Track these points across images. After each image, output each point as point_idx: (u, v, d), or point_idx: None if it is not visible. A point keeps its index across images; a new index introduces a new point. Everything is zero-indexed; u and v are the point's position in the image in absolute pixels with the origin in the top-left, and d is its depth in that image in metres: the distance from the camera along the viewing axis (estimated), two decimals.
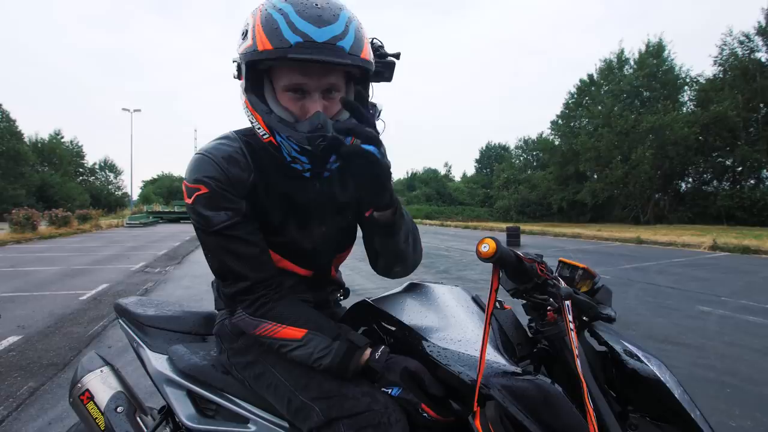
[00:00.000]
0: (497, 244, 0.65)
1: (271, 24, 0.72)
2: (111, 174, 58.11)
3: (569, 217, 32.57)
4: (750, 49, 25.79)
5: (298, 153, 0.79)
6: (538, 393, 0.70)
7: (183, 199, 0.86)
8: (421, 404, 0.75)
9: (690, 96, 29.55)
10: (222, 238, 0.82)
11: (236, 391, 0.96)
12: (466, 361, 0.76)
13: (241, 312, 0.85)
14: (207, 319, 1.18)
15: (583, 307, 0.76)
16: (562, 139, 34.84)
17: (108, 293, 5.75)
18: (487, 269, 3.91)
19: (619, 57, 31.42)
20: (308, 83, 0.77)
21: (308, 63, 0.73)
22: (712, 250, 11.03)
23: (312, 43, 0.71)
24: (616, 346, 0.84)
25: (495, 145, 57.19)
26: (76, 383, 1.01)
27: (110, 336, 3.81)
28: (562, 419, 0.69)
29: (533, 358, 0.88)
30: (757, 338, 3.69)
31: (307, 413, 0.80)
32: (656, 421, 0.81)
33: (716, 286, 6.16)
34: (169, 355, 1.05)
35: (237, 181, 0.83)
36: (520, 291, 0.79)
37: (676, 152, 25.83)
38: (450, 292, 0.96)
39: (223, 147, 0.85)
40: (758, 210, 23.02)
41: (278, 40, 0.71)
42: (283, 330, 0.82)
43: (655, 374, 0.77)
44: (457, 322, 0.86)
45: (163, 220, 34.30)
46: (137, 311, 1.17)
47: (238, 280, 0.84)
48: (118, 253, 10.93)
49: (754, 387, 2.69)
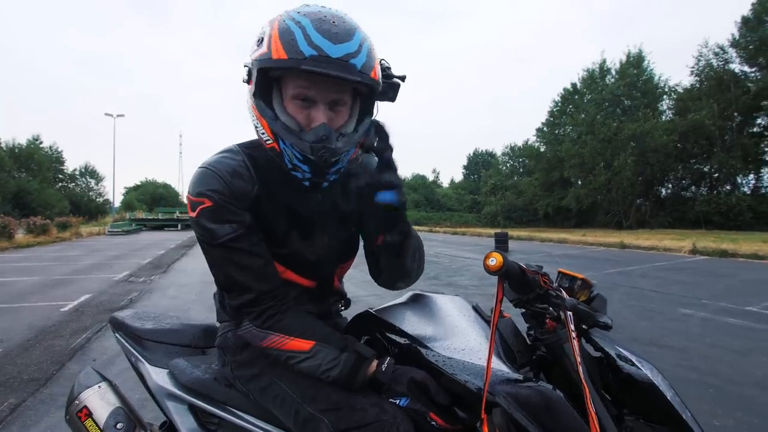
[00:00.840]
0: (504, 258, 0.68)
1: (288, 35, 0.74)
2: (92, 180, 56.85)
3: (555, 222, 33.10)
4: (725, 60, 26.86)
5: (300, 161, 0.81)
6: (541, 399, 0.73)
7: (167, 206, 0.87)
8: (430, 413, 0.76)
9: (669, 105, 30.56)
10: (227, 250, 0.83)
11: (240, 404, 0.95)
12: (471, 369, 0.78)
13: (248, 324, 0.86)
14: (206, 332, 1.18)
15: (582, 316, 0.79)
16: (547, 146, 35.53)
17: (91, 304, 5.61)
18: (477, 276, 4.01)
19: (601, 67, 32.28)
20: (316, 94, 0.79)
21: (320, 76, 0.75)
22: (692, 254, 11.34)
23: (326, 58, 0.73)
24: (611, 351, 0.87)
25: (482, 151, 58.00)
26: (73, 400, 1.00)
27: (95, 349, 3.72)
28: (564, 424, 0.71)
29: (532, 365, 0.90)
30: (737, 340, 3.81)
31: (316, 425, 0.80)
32: (650, 422, 0.84)
33: (697, 289, 6.34)
34: (169, 369, 1.04)
35: (240, 194, 0.84)
36: (522, 301, 0.82)
37: (656, 159, 26.57)
38: (452, 302, 0.98)
39: (226, 160, 0.86)
40: (734, 215, 23.76)
41: (293, 51, 0.73)
42: (291, 342, 0.82)
43: (648, 378, 0.80)
44: (460, 332, 0.89)
45: (147, 227, 33.69)
46: (135, 325, 1.15)
47: (243, 292, 0.85)
48: (100, 262, 10.67)
49: (736, 387, 2.78)
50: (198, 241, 0.87)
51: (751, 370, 3.08)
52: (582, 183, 30.50)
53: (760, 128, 26.60)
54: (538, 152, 36.89)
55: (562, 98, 35.61)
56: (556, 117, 35.93)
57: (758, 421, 2.32)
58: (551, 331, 0.84)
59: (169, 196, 64.73)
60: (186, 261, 11.00)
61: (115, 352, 3.57)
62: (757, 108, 25.34)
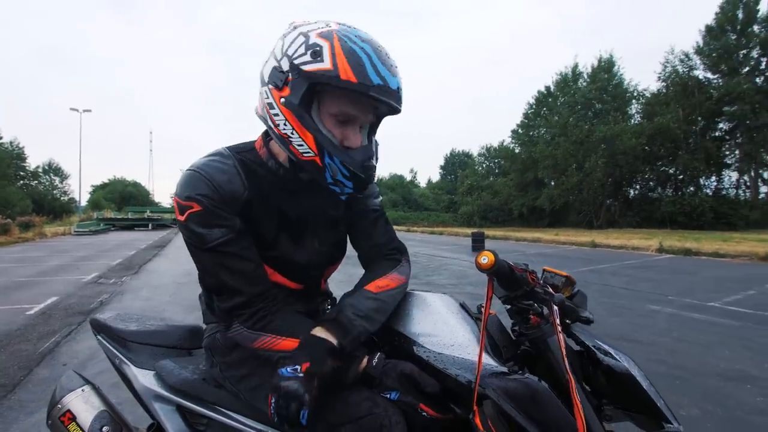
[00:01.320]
0: (495, 256, 0.71)
1: (357, 60, 0.77)
2: (56, 178, 54.37)
3: (529, 222, 33.86)
4: (689, 67, 28.16)
5: (344, 177, 0.84)
6: (528, 391, 0.76)
7: (137, 205, 0.87)
8: (420, 404, 0.79)
9: (637, 109, 31.70)
10: (217, 254, 0.83)
11: (230, 405, 0.95)
12: (461, 363, 0.81)
13: (238, 326, 0.86)
14: (192, 333, 1.17)
15: (567, 311, 0.83)
16: (522, 148, 36.29)
17: (58, 307, 5.38)
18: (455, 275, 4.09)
19: (574, 71, 33.24)
20: (358, 116, 0.84)
21: (382, 104, 0.81)
22: (659, 252, 11.84)
23: (387, 88, 0.79)
24: (591, 345, 0.92)
25: (459, 152, 58.66)
26: (55, 404, 0.97)
27: (65, 353, 3.58)
28: (550, 414, 0.75)
29: (517, 359, 0.94)
30: (702, 334, 4.02)
31: (310, 421, 0.81)
32: (627, 411, 0.89)
33: (663, 286, 6.64)
34: (156, 371, 1.03)
35: (231, 198, 0.84)
36: (510, 298, 0.86)
37: (625, 161, 27.58)
38: (440, 300, 1.01)
39: (216, 164, 0.86)
40: (697, 215, 24.92)
41: (363, 77, 0.77)
42: (282, 342, 0.83)
43: (626, 369, 0.85)
44: (449, 328, 0.91)
45: (116, 227, 32.49)
46: (118, 327, 1.13)
47: (234, 296, 0.85)
48: (66, 264, 10.24)
49: (701, 379, 2.93)
50: (186, 245, 0.86)
51: (714, 362, 3.26)
52: (555, 184, 31.32)
53: (721, 132, 28.02)
54: (513, 153, 37.65)
55: (536, 101, 36.49)
56: (530, 119, 36.77)
57: (721, 410, 2.46)
58: (535, 327, 0.88)
59: (139, 195, 62.68)
60: (158, 262, 10.69)
61: (88, 355, 3.45)
62: (719, 113, 26.68)
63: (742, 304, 5.28)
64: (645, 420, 0.88)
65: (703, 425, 2.30)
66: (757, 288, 6.38)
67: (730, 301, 5.41)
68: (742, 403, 2.55)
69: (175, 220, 0.84)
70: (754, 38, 25.16)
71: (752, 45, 25.39)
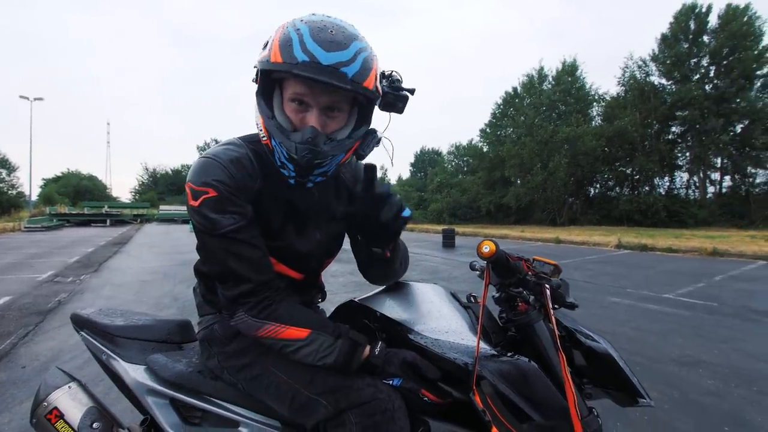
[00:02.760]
0: (497, 245, 0.75)
1: (287, 41, 0.77)
2: (3, 170, 50.66)
3: (496, 219, 34.77)
4: (646, 72, 29.74)
5: (286, 159, 0.84)
6: (520, 371, 0.82)
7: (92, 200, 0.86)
8: (422, 390, 0.83)
9: (598, 111, 33.16)
10: (227, 241, 0.84)
11: (227, 396, 0.96)
12: (458, 348, 0.86)
13: (243, 314, 0.86)
14: (181, 327, 1.16)
15: (556, 296, 0.89)
16: (490, 146, 37.17)
17: (12, 307, 5.05)
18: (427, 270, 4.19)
19: (540, 73, 34.34)
20: (310, 98, 0.82)
21: (309, 81, 0.78)
22: (617, 248, 12.50)
23: (317, 64, 0.76)
24: (573, 329, 0.99)
25: (429, 150, 59.30)
26: (40, 402, 0.94)
27: (23, 355, 3.38)
28: (540, 392, 0.81)
29: (505, 344, 1.00)
30: (657, 323, 4.30)
31: (313, 407, 0.83)
32: (606, 389, 0.97)
33: (622, 279, 7.02)
34: (148, 365, 1.01)
35: (244, 186, 0.85)
36: (504, 285, 0.91)
37: (587, 161, 28.83)
38: (432, 290, 1.05)
39: (231, 152, 0.87)
40: (652, 213, 26.44)
41: (288, 56, 0.77)
42: (287, 330, 0.85)
43: (606, 350, 0.92)
44: (443, 316, 0.96)
45: (71, 223, 30.71)
46: (103, 322, 1.10)
47: (240, 283, 0.85)
48: (18, 261, 9.60)
49: (657, 365, 3.15)
50: (196, 231, 0.86)
51: (669, 349, 3.50)
52: (521, 182, 32.30)
53: (674, 136, 29.80)
54: (482, 152, 38.48)
55: (504, 101, 37.42)
56: (498, 119, 37.68)
57: (677, 393, 2.66)
58: (523, 313, 0.94)
59: (96, 189, 59.44)
60: (120, 259, 10.22)
61: (49, 357, 3.28)
62: (672, 117, 28.36)
63: (693, 295, 5.67)
64: (622, 396, 0.96)
65: (661, 406, 2.48)
66: (706, 281, 6.87)
67: (683, 293, 5.80)
68: (694, 386, 2.76)
69: (136, 216, 0.84)
70: (705, 47, 26.87)
71: (702, 54, 27.11)
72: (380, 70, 0.89)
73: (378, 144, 0.97)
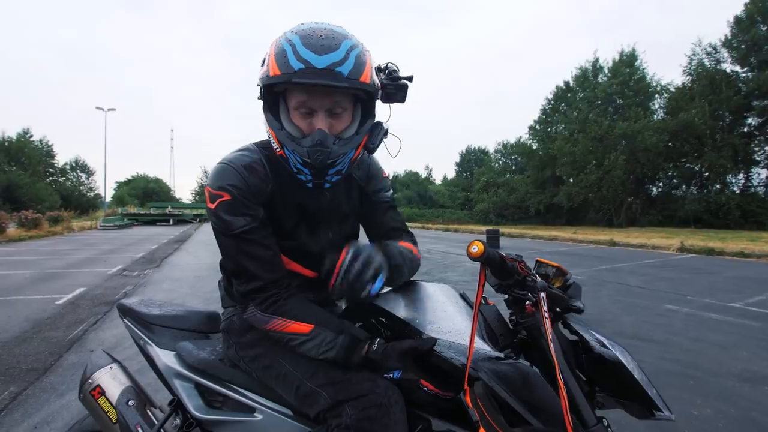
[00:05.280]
0: (485, 245, 0.76)
1: (281, 53, 0.83)
2: (83, 174, 56.19)
3: (546, 219, 33.39)
4: (717, 60, 27.16)
5: (301, 165, 0.89)
6: (518, 374, 0.81)
7: (158, 201, 0.94)
8: (421, 380, 0.85)
9: (660, 104, 30.82)
10: (240, 240, 0.90)
11: (243, 383, 1.03)
12: (457, 348, 0.86)
13: (253, 309, 0.93)
14: (209, 318, 1.25)
15: (555, 299, 0.87)
16: (540, 144, 35.75)
17: (85, 297, 5.62)
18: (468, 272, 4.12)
19: (594, 65, 32.51)
20: (314, 104, 0.87)
21: (309, 86, 0.82)
22: (680, 251, 11.55)
23: (313, 69, 0.81)
24: (585, 335, 0.95)
25: (475, 148, 58.15)
26: (86, 379, 1.06)
27: (91, 340, 3.76)
28: (538, 396, 0.80)
29: (514, 346, 0.99)
30: (719, 334, 3.94)
31: (315, 398, 0.88)
32: (619, 398, 0.93)
33: (683, 285, 6.50)
34: (177, 351, 1.11)
35: (256, 189, 0.92)
36: (503, 286, 0.90)
37: (647, 158, 26.90)
38: (441, 290, 1.06)
39: (245, 158, 0.93)
40: (723, 213, 24.16)
41: (285, 67, 0.82)
42: (292, 325, 0.90)
43: (617, 358, 0.89)
44: (447, 316, 0.97)
45: (139, 222, 33.42)
46: (142, 311, 1.22)
47: (251, 280, 0.92)
48: (93, 257, 10.63)
49: (715, 379, 2.90)
50: (213, 231, 0.94)
51: (731, 363, 3.21)
52: (573, 181, 30.78)
53: (750, 128, 26.99)
54: (531, 150, 37.08)
55: (554, 96, 35.82)
56: (548, 115, 36.14)
57: (735, 410, 2.44)
58: (530, 315, 0.93)
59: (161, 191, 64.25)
60: (179, 256, 10.99)
61: (113, 342, 3.62)
62: (747, 108, 25.72)
63: (765, 305, 5.14)
64: (636, 407, 0.92)
65: (715, 424, 2.29)
66: None
67: (753, 302, 5.27)
68: (757, 404, 2.51)
69: (195, 215, 0.92)
70: None
71: None
72: (375, 64, 0.92)
73: (386, 135, 0.99)
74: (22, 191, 37.98)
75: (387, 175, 1.16)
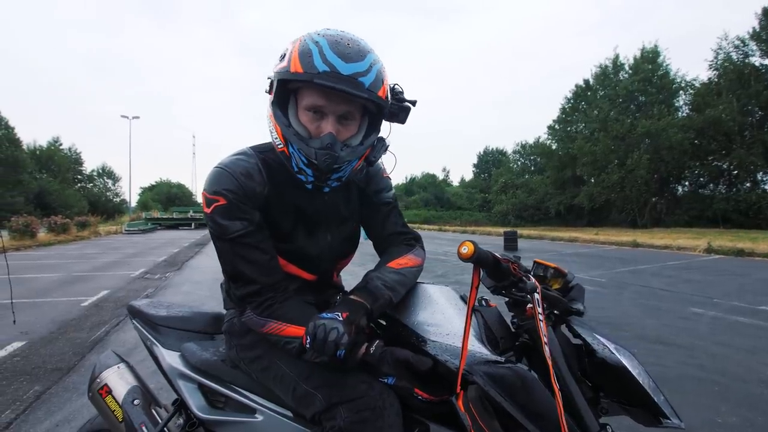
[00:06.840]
0: (475, 246, 0.74)
1: (306, 52, 0.84)
2: (109, 181, 58.12)
3: (566, 221, 32.70)
4: (745, 53, 26.09)
5: (305, 165, 0.90)
6: (516, 378, 0.79)
7: (180, 206, 0.95)
8: (415, 389, 0.84)
9: (685, 100, 29.81)
10: (236, 245, 0.91)
11: (244, 384, 1.04)
12: (453, 351, 0.85)
13: (250, 312, 0.94)
14: (215, 319, 1.27)
15: (552, 301, 0.85)
16: (559, 144, 35.07)
17: (109, 300, 5.81)
18: None
19: (615, 62, 31.74)
20: (327, 106, 0.88)
21: (330, 90, 0.83)
22: (707, 253, 11.14)
23: (337, 74, 0.82)
24: (588, 338, 0.93)
25: (493, 149, 57.50)
26: (95, 378, 1.09)
27: (113, 341, 3.87)
28: (536, 400, 0.78)
29: (516, 350, 0.97)
30: (747, 338, 3.78)
31: (311, 400, 0.88)
32: (624, 404, 0.90)
33: (709, 288, 6.26)
34: (181, 352, 1.13)
35: (252, 194, 0.92)
36: (498, 288, 0.88)
37: (672, 156, 26.06)
38: (440, 292, 1.05)
39: (241, 162, 0.94)
40: (754, 213, 23.20)
41: (309, 66, 0.83)
42: (288, 329, 0.90)
43: (621, 362, 0.86)
44: (446, 318, 0.95)
45: (162, 226, 34.30)
46: (150, 312, 1.25)
47: (248, 283, 0.92)
48: (117, 260, 10.98)
49: (742, 385, 2.78)
50: (210, 235, 0.95)
51: (759, 368, 3.07)
52: (595, 181, 30.07)
53: None
54: (550, 150, 36.41)
55: (574, 95, 35.10)
56: (568, 114, 35.42)
57: (763, 419, 2.33)
58: (530, 318, 0.91)
59: (183, 196, 65.83)
60: (199, 259, 11.23)
61: (133, 344, 3.72)
62: None
63: None
64: (642, 414, 0.88)
65: None
66: None
67: None
68: None
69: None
70: None
71: None
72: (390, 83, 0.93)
73: (386, 151, 1.01)
74: (53, 197, 39.54)
75: (387, 175, 1.16)
